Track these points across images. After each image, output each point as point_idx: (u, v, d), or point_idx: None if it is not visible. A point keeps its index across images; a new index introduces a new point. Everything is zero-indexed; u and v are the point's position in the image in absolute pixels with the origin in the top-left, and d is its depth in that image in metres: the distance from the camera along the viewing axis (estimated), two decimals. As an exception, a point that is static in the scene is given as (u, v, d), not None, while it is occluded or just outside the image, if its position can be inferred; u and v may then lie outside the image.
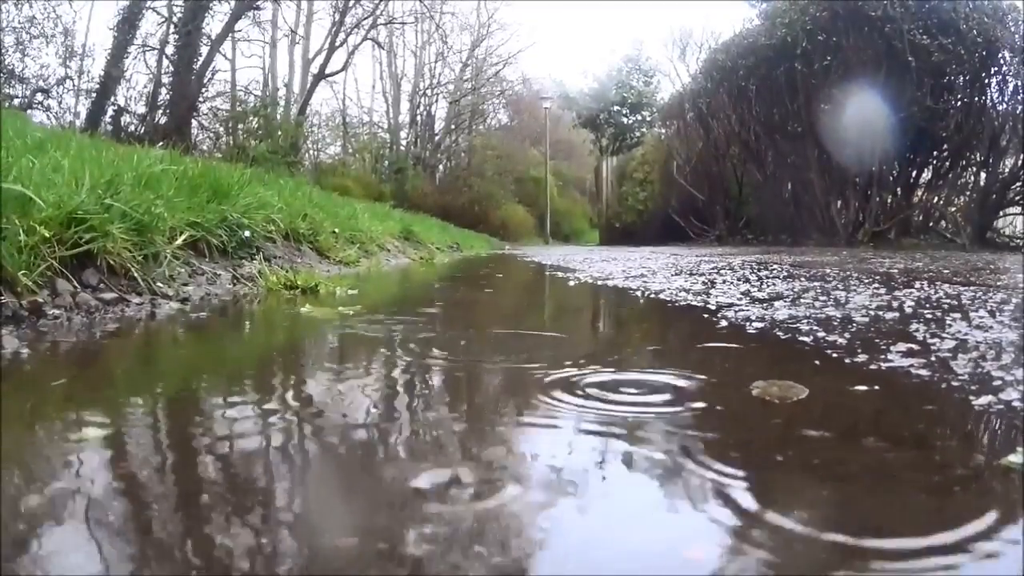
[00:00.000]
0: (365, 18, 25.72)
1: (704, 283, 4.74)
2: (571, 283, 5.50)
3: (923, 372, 1.70)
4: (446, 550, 0.75)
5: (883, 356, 1.90)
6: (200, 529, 0.82)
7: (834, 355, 1.96)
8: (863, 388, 1.56)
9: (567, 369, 1.72)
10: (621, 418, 1.30)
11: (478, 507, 0.87)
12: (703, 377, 1.66)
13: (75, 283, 2.73)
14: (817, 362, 1.90)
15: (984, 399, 1.43)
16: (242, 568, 0.72)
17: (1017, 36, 14.63)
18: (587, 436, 1.20)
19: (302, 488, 0.99)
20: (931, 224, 16.51)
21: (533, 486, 0.95)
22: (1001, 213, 16.33)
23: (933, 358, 1.87)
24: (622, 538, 0.81)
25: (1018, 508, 0.91)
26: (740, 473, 1.01)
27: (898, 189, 17.10)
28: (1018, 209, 16.25)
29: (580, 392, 1.49)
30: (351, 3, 24.50)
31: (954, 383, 1.59)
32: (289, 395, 1.60)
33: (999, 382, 1.57)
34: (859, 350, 2.01)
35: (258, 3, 19.78)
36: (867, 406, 1.46)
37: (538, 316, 4.09)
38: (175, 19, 17.16)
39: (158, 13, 17.54)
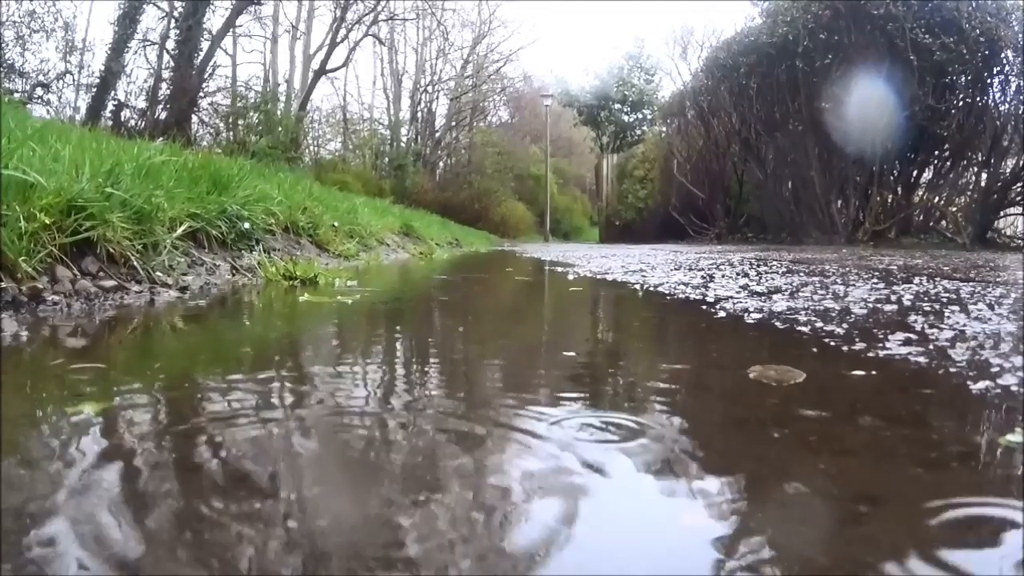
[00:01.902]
0: (366, 14, 25.70)
1: (703, 278, 4.74)
2: (570, 277, 5.50)
3: (921, 359, 1.70)
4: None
5: (881, 344, 1.90)
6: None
7: (832, 343, 1.96)
8: (860, 373, 1.56)
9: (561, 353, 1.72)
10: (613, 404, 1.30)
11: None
12: (700, 362, 1.66)
13: (75, 270, 2.73)
14: (814, 349, 1.90)
15: (982, 384, 1.44)
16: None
17: (1020, 36, 14.61)
18: (585, 443, 1.21)
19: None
20: (932, 223, 16.52)
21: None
22: (1002, 213, 16.33)
23: (931, 347, 1.87)
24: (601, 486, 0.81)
25: (1018, 483, 0.91)
26: (736, 447, 1.01)
27: (899, 188, 17.10)
28: (1019, 209, 16.26)
29: (568, 383, 1.49)
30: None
31: (952, 369, 1.59)
32: (282, 372, 1.60)
33: (997, 368, 1.57)
34: (857, 339, 2.01)
35: (259, -2, 19.74)
36: (864, 389, 1.46)
37: (536, 306, 4.09)
38: (176, 14, 17.12)
39: (159, 8, 17.50)
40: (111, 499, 0.80)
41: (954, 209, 16.14)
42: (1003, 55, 14.88)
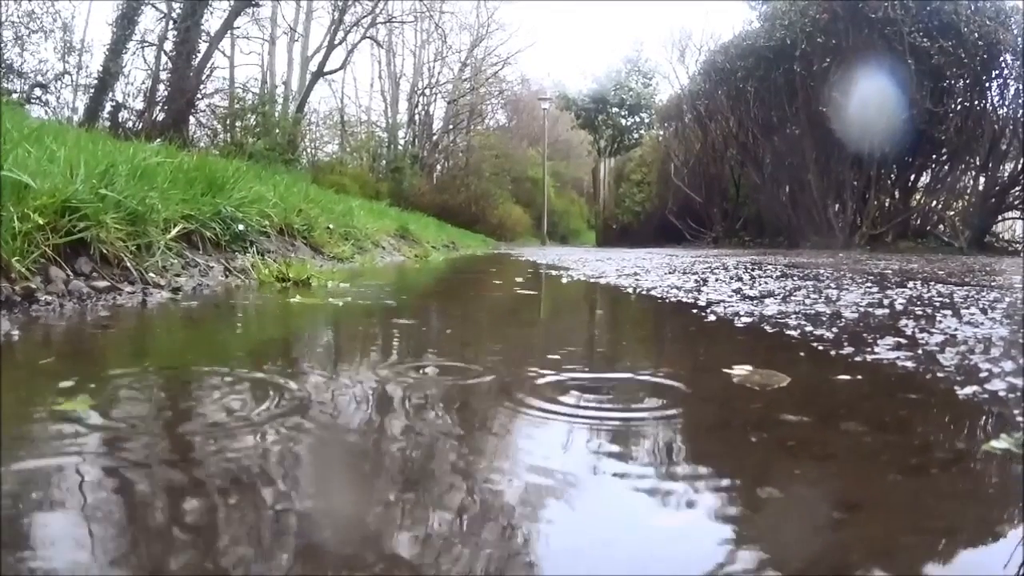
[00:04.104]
0: (364, 16, 25.66)
1: (696, 281, 4.75)
2: (564, 280, 5.51)
3: (908, 364, 1.71)
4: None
5: (869, 349, 1.90)
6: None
7: (820, 348, 1.97)
8: (846, 378, 1.56)
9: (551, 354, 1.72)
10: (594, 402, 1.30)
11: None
12: (684, 365, 1.67)
13: (68, 271, 2.73)
14: (802, 353, 1.91)
15: (969, 389, 1.44)
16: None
17: (1019, 39, 14.64)
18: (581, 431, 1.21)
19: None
20: (929, 227, 16.55)
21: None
22: (1000, 217, 16.37)
23: (920, 351, 1.88)
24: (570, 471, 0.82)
25: (1007, 489, 0.92)
26: (716, 451, 1.01)
27: (896, 192, 17.14)
28: (1017, 213, 16.30)
29: (550, 392, 1.49)
30: (350, 1, 24.46)
31: (939, 374, 1.60)
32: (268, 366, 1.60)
33: (985, 373, 1.58)
34: (846, 343, 2.01)
35: (257, 0, 19.75)
36: (849, 394, 1.46)
37: (528, 310, 4.09)
38: (174, 15, 17.11)
39: (157, 9, 17.47)
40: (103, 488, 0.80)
41: (952, 213, 16.19)
42: (1001, 59, 14.92)
